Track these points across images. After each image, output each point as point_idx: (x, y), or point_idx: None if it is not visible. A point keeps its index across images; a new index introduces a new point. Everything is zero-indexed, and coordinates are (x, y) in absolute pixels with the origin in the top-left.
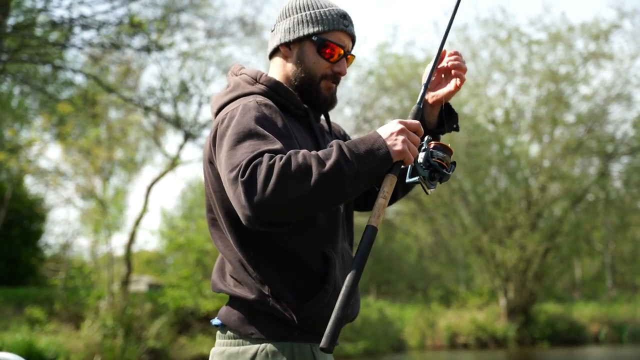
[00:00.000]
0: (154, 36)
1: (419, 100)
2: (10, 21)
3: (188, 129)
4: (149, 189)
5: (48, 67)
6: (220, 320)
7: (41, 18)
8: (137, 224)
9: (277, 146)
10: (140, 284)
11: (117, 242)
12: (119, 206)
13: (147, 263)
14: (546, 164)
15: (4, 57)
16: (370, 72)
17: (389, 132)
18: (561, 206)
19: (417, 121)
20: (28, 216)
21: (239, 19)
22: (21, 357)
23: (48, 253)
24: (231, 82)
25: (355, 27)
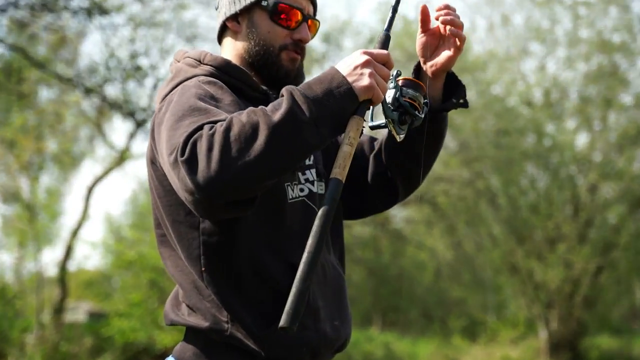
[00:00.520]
0: None
1: (386, 26)
2: None
3: (140, 115)
4: (89, 190)
5: None
6: (174, 358)
7: None
8: (74, 235)
9: (222, 117)
10: (78, 312)
11: (49, 259)
12: (51, 212)
13: (87, 285)
14: (597, 157)
15: None
16: (372, 40)
17: (351, 65)
18: (617, 212)
19: (385, 51)
20: None
21: None
22: None
23: None
24: (173, 70)
25: None
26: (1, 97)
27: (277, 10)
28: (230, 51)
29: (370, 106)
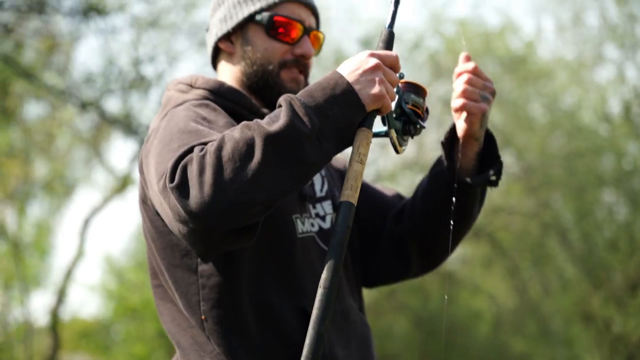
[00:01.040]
0: None
1: (389, 22)
2: None
3: (144, 133)
4: (85, 222)
5: None
6: None
7: None
8: (68, 276)
9: (214, 137)
10: None
11: (39, 304)
12: (40, 249)
13: (83, 336)
14: None
15: None
16: (418, 45)
17: (358, 69)
18: None
19: (394, 53)
20: None
21: None
22: None
23: None
24: (164, 100)
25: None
26: None
27: (274, 24)
28: (226, 75)
29: (379, 115)
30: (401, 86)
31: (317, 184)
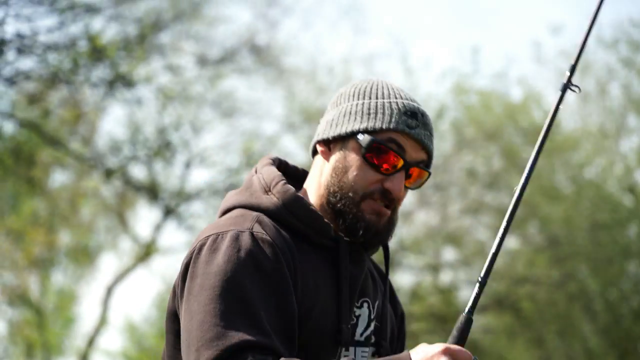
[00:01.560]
0: (124, 66)
1: (469, 307)
2: None
3: (169, 201)
4: (109, 290)
5: None
6: None
7: None
8: (90, 343)
9: (263, 327)
10: None
11: None
12: (64, 316)
13: None
14: None
15: None
16: (441, 115)
17: None
18: None
19: (468, 353)
20: None
21: (246, 42)
22: None
23: None
24: (247, 181)
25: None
26: (8, 182)
27: (372, 148)
28: (313, 181)
29: None
30: None
31: (361, 325)
